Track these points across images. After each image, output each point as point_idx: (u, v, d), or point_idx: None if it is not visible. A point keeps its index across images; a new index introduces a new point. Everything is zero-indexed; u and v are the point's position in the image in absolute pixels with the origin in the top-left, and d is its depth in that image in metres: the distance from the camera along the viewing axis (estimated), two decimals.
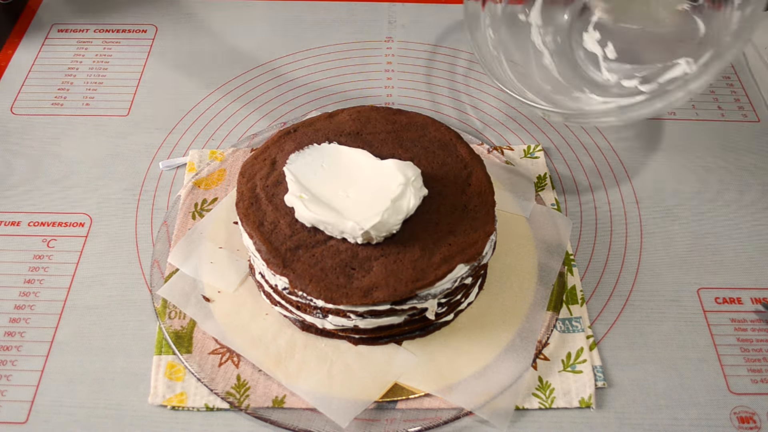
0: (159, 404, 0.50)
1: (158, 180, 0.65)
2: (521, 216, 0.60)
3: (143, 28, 0.81)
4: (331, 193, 0.50)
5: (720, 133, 0.70)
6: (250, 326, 0.53)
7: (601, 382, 0.51)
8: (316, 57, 0.78)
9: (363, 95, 0.73)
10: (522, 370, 0.50)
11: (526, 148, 0.67)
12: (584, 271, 0.59)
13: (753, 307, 0.56)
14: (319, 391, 0.49)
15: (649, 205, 0.64)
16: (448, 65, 0.77)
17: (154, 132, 0.69)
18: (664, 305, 0.56)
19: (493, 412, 0.49)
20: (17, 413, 0.49)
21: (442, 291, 0.48)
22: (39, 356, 0.52)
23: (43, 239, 0.60)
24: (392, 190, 0.49)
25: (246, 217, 0.51)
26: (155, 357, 0.52)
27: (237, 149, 0.65)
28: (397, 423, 0.48)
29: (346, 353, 0.51)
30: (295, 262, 0.48)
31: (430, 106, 0.72)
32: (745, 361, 0.53)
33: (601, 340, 0.54)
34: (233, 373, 0.51)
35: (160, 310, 0.54)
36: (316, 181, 0.51)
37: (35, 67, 0.75)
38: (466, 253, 0.49)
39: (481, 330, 0.53)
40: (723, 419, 0.50)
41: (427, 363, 0.51)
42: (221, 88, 0.74)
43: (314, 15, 0.83)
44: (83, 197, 0.63)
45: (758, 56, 0.78)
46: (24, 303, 0.55)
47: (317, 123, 0.57)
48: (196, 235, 0.58)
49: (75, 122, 0.70)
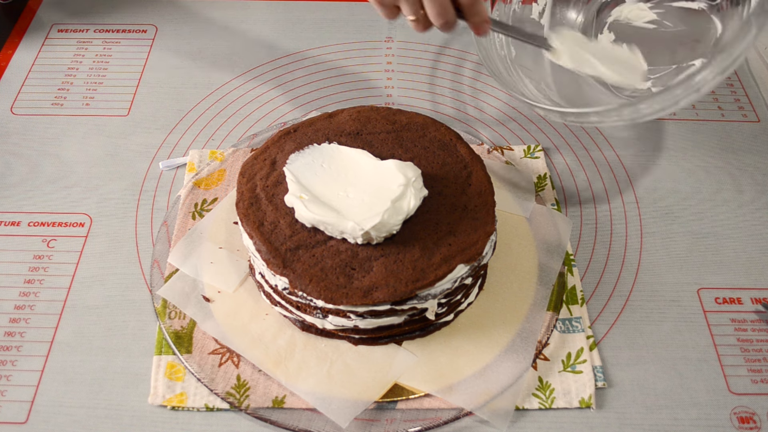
0: (159, 404, 0.50)
1: (158, 180, 0.65)
2: (521, 216, 0.60)
3: (143, 28, 0.81)
4: (331, 194, 0.50)
5: (720, 133, 0.70)
6: (250, 326, 0.53)
7: (601, 382, 0.51)
8: (316, 57, 0.78)
9: (363, 95, 0.73)
10: (522, 371, 0.50)
11: (526, 148, 0.67)
12: (584, 271, 0.59)
13: (753, 307, 0.56)
14: (318, 391, 0.49)
15: (649, 205, 0.64)
16: (448, 65, 0.77)
17: (154, 132, 0.69)
18: (664, 305, 0.56)
19: (493, 412, 0.49)
20: (17, 413, 0.49)
21: (442, 291, 0.48)
22: (39, 356, 0.52)
23: (43, 239, 0.60)
24: (392, 191, 0.49)
25: (246, 217, 0.51)
26: (155, 357, 0.52)
27: (237, 149, 0.65)
28: (397, 423, 0.48)
29: (346, 353, 0.51)
30: (295, 262, 0.48)
31: (430, 106, 0.72)
32: (745, 361, 0.53)
33: (601, 340, 0.54)
34: (233, 374, 0.51)
35: (160, 310, 0.54)
36: (316, 182, 0.51)
37: (35, 67, 0.75)
38: (466, 253, 0.49)
39: (481, 330, 0.53)
40: (723, 419, 0.50)
41: (427, 363, 0.51)
42: (221, 88, 0.74)
43: (314, 15, 0.83)
44: (83, 197, 0.63)
45: (758, 56, 0.78)
46: (24, 303, 0.55)
47: (317, 123, 0.57)
48: (196, 235, 0.58)
49: (75, 122, 0.70)
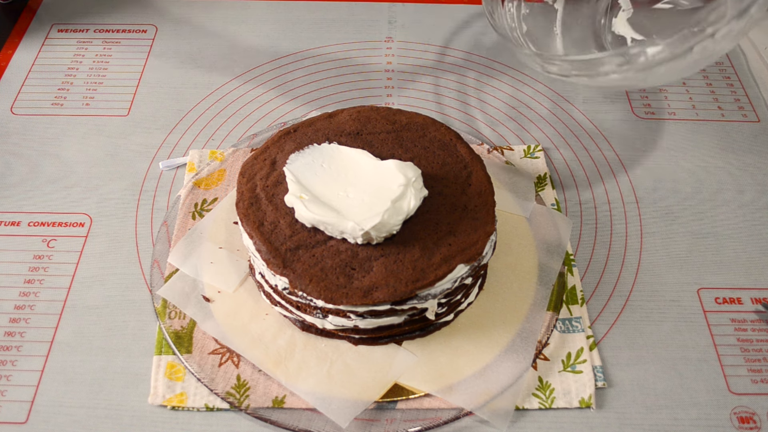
0: (159, 404, 0.50)
1: (158, 180, 0.65)
2: (521, 216, 0.60)
3: (143, 28, 0.81)
4: (332, 194, 0.50)
5: (720, 133, 0.70)
6: (250, 326, 0.53)
7: (601, 382, 0.51)
8: (316, 57, 0.78)
9: (363, 95, 0.73)
10: (522, 371, 0.50)
11: (526, 148, 0.67)
12: (584, 271, 0.59)
13: (753, 307, 0.56)
14: (319, 391, 0.49)
15: (649, 205, 0.64)
16: (448, 65, 0.77)
17: (154, 132, 0.69)
18: (664, 305, 0.56)
19: (493, 412, 0.49)
20: (17, 413, 0.49)
21: (442, 291, 0.48)
22: (39, 356, 0.52)
23: (43, 239, 0.60)
24: (393, 191, 0.49)
25: (246, 217, 0.51)
26: (155, 357, 0.52)
27: (237, 149, 0.65)
28: (397, 423, 0.48)
29: (346, 353, 0.51)
30: (295, 262, 0.48)
31: (430, 106, 0.72)
32: (745, 361, 0.53)
33: (601, 340, 0.54)
34: (233, 373, 0.51)
35: (160, 310, 0.54)
36: (317, 182, 0.51)
37: (35, 67, 0.75)
38: (466, 253, 0.49)
39: (481, 330, 0.53)
40: (723, 419, 0.50)
41: (427, 363, 0.51)
42: (221, 88, 0.74)
43: (314, 15, 0.83)
44: (83, 197, 0.63)
45: (758, 56, 0.78)
46: (24, 303, 0.55)
47: (317, 123, 0.57)
48: (196, 235, 0.58)
49: (75, 122, 0.70)
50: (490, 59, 0.78)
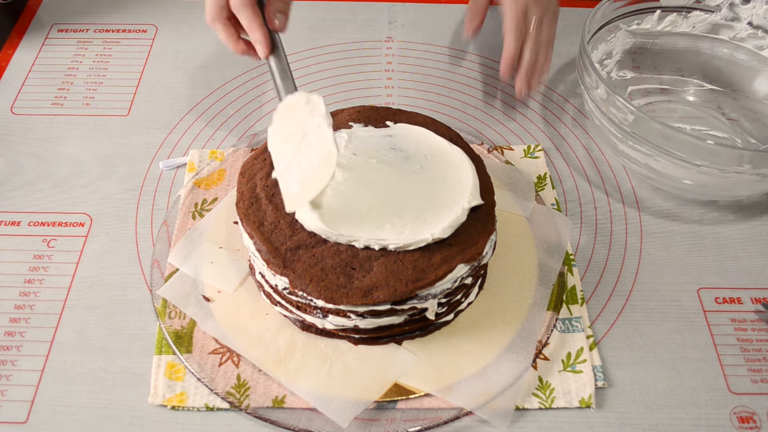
0: (159, 404, 0.50)
1: (158, 180, 0.65)
2: (521, 216, 0.60)
3: (143, 28, 0.81)
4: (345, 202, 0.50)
5: None
6: (250, 326, 0.53)
7: (601, 382, 0.51)
8: (316, 57, 0.78)
9: (363, 95, 0.73)
10: (522, 370, 0.50)
11: (526, 148, 0.67)
12: (584, 271, 0.59)
13: (753, 307, 0.57)
14: (319, 391, 0.49)
15: (649, 205, 0.64)
16: (448, 65, 0.77)
17: (154, 132, 0.69)
18: (664, 305, 0.56)
19: (493, 412, 0.49)
20: (17, 413, 0.49)
21: (442, 291, 0.48)
22: (39, 356, 0.52)
23: (43, 239, 0.60)
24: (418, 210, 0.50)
25: (246, 217, 0.51)
26: (155, 357, 0.52)
27: (237, 149, 0.65)
28: (397, 423, 0.48)
29: (346, 353, 0.51)
30: (295, 262, 0.48)
31: (430, 106, 0.72)
32: (745, 361, 0.53)
33: (601, 340, 0.54)
34: (233, 373, 0.51)
35: (160, 310, 0.54)
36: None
37: (35, 67, 0.75)
38: (466, 253, 0.49)
39: (481, 330, 0.53)
40: (723, 419, 0.50)
41: (427, 363, 0.51)
42: (221, 88, 0.74)
43: (314, 15, 0.83)
44: (83, 197, 0.63)
45: None
46: (24, 303, 0.55)
47: None
48: (196, 235, 0.58)
49: (75, 122, 0.70)
50: (490, 59, 0.78)
